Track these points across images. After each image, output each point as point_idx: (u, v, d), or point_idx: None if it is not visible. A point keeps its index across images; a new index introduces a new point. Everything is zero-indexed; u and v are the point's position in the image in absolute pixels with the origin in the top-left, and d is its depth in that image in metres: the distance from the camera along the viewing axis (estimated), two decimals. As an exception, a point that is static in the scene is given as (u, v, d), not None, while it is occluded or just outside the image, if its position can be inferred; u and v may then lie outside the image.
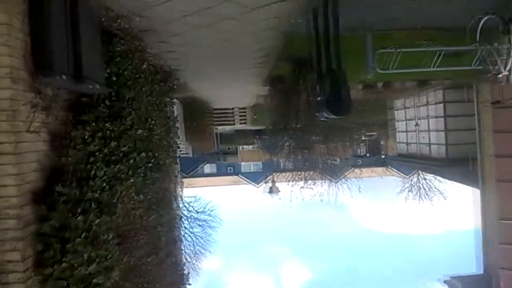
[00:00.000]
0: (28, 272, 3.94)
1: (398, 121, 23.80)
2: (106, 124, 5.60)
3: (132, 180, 6.32)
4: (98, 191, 5.10)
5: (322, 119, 7.63)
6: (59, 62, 4.38)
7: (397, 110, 23.76)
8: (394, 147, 30.02)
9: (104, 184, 5.30)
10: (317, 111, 6.94)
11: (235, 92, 19.41)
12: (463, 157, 18.22)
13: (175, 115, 11.95)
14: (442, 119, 19.00)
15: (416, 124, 21.75)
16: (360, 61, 7.63)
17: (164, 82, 10.02)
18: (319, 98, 6.67)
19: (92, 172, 5.12)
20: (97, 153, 5.28)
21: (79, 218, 4.45)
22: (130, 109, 6.70)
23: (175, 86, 11.48)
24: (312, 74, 9.87)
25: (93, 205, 4.82)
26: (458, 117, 18.54)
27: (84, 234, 4.46)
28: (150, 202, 7.44)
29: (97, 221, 4.81)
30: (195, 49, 8.78)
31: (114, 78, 6.18)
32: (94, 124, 5.33)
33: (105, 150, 5.49)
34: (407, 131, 23.00)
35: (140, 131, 7.05)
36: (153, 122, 8.11)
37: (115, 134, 5.90)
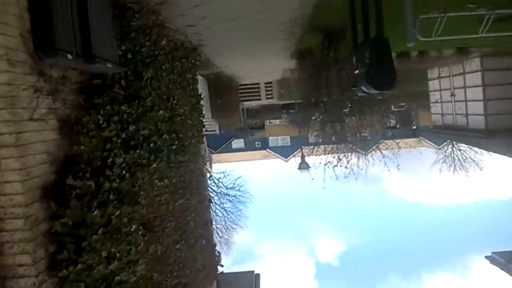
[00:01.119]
0: (41, 276, 3.56)
1: (432, 91, 22.73)
2: (123, 107, 5.13)
3: (154, 165, 5.88)
4: (117, 180, 4.68)
5: (360, 94, 6.96)
6: (63, 39, 3.90)
7: (432, 80, 22.66)
8: (427, 118, 28.95)
9: (124, 172, 4.87)
10: (354, 86, 6.27)
11: (261, 67, 18.75)
12: (504, 128, 17.27)
13: (199, 93, 11.45)
14: (480, 88, 17.96)
15: (452, 94, 20.70)
16: (396, 28, 6.84)
17: (186, 59, 9.49)
18: (357, 71, 5.99)
19: (110, 160, 4.70)
20: (114, 139, 4.84)
21: (95, 212, 4.03)
22: (149, 89, 6.23)
23: (198, 63, 10.95)
24: (344, 45, 9.16)
25: (111, 196, 4.39)
26: (498, 86, 17.49)
27: (101, 229, 4.04)
28: (175, 186, 7.02)
29: (117, 213, 4.40)
30: (217, 22, 8.20)
31: (130, 56, 5.69)
32: (109, 107, 4.86)
33: (123, 135, 5.05)
34: (442, 102, 21.96)
35: (161, 112, 6.58)
36: (175, 101, 7.63)
37: (134, 117, 5.44)
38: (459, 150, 34.81)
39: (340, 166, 14.47)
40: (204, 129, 11.59)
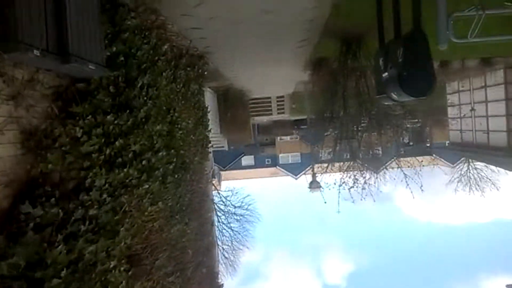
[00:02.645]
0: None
1: (451, 105, 21.78)
2: (108, 117, 4.33)
3: (146, 187, 5.06)
4: (95, 206, 3.85)
5: (386, 103, 6.05)
6: (28, 31, 3.11)
7: (450, 94, 21.72)
8: (444, 134, 27.95)
9: (105, 196, 4.05)
10: (380, 93, 5.37)
11: (273, 79, 17.97)
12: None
13: (206, 105, 10.67)
14: (504, 102, 16.98)
15: (472, 109, 19.74)
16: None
17: (192, 68, 8.74)
18: (385, 74, 5.07)
19: (88, 181, 3.88)
20: (95, 155, 4.02)
21: (59, 247, 3.19)
22: (145, 98, 5.44)
23: (205, 73, 10.19)
24: (365, 51, 8.29)
25: (84, 227, 3.55)
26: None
27: (65, 270, 3.20)
28: (172, 210, 6.17)
29: (90, 248, 3.56)
30: (226, 25, 7.44)
31: (122, 59, 4.90)
32: (90, 117, 4.06)
33: (107, 151, 4.23)
34: (461, 117, 20.99)
35: (158, 125, 5.79)
36: (176, 114, 6.85)
37: (123, 130, 4.65)
38: (475, 168, 33.69)
39: (357, 187, 13.49)
40: (210, 145, 10.78)
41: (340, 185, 13.62)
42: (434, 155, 33.14)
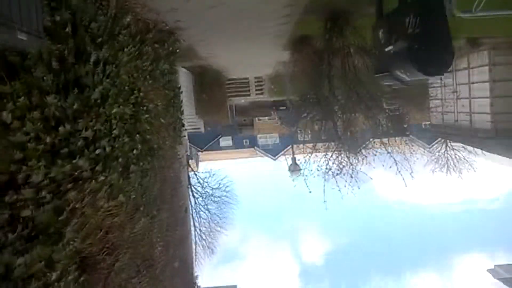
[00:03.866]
0: None
1: (432, 87, 21.33)
2: (49, 98, 3.60)
3: (102, 179, 4.36)
4: (30, 207, 3.16)
5: (387, 83, 5.31)
6: None
7: (431, 75, 21.29)
8: (422, 116, 27.67)
9: (44, 193, 3.35)
10: (380, 71, 4.64)
11: (252, 59, 17.17)
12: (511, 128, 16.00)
13: (178, 86, 9.92)
14: (487, 83, 16.57)
15: (455, 91, 19.33)
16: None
17: (161, 44, 7.96)
18: (389, 48, 4.29)
19: (20, 177, 3.17)
20: (30, 145, 3.31)
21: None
22: (101, 77, 4.70)
23: (177, 50, 9.40)
24: (353, 26, 7.55)
25: (11, 236, 2.87)
26: (507, 82, 16.12)
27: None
28: (136, 203, 5.49)
29: (19, 260, 2.87)
30: (200, 3, 6.70)
31: (69, 30, 4.14)
32: (24, 98, 3.32)
33: (47, 139, 3.51)
34: (442, 99, 20.60)
35: (117, 107, 5.06)
36: (141, 94, 6.11)
37: (69, 113, 3.92)
38: (453, 149, 33.73)
39: (344, 174, 12.89)
40: (183, 128, 10.08)
41: (326, 172, 13.01)
42: (410, 136, 32.97)
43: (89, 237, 4.09)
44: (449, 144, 34.17)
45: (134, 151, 5.48)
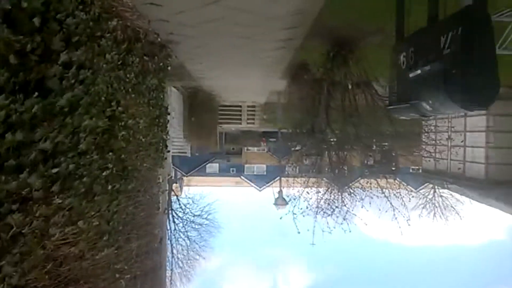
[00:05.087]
0: None
1: (426, 132, 21.03)
2: (-2, 98, 2.94)
3: (58, 202, 3.66)
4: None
5: (404, 117, 4.61)
6: None
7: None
8: (409, 160, 27.45)
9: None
10: (396, 102, 3.95)
11: (246, 85, 16.69)
12: (505, 180, 15.69)
13: (166, 105, 9.29)
14: (484, 133, 16.35)
15: (449, 138, 19.02)
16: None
17: (151, 58, 7.38)
18: (414, 73, 3.59)
19: None
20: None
21: None
22: (73, 81, 4.05)
23: (168, 67, 8.82)
24: (358, 55, 7.03)
25: None
26: (504, 133, 15.91)
27: None
28: (100, 230, 4.76)
29: None
30: (194, 17, 6.16)
31: (37, 23, 3.51)
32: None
33: (-10, 149, 2.84)
34: (435, 145, 20.27)
35: (89, 119, 4.39)
36: (120, 108, 5.46)
37: (25, 118, 3.26)
38: (441, 196, 33.53)
39: (336, 216, 12.29)
40: (167, 150, 9.39)
41: (316, 212, 12.37)
42: (397, 179, 32.72)
43: (32, 270, 3.35)
44: (437, 190, 33.91)
45: (104, 172, 4.78)
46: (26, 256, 3.26)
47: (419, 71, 3.41)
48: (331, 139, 11.49)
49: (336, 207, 12.10)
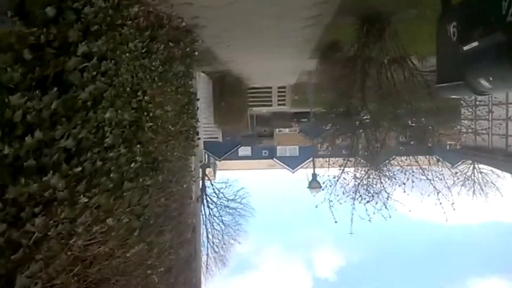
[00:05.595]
0: None
1: (466, 106, 20.17)
2: (13, 97, 2.77)
3: (85, 201, 3.49)
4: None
5: (454, 96, 4.24)
6: None
7: (465, 93, 20.17)
8: (448, 136, 26.57)
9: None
10: (451, 79, 3.54)
11: (275, 67, 16.31)
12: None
13: (194, 92, 9.09)
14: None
15: (490, 111, 18.18)
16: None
17: (176, 44, 7.15)
18: (470, 46, 3.13)
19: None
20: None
21: None
22: (94, 73, 3.85)
23: (195, 52, 8.58)
24: (392, 29, 6.56)
25: None
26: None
27: None
28: (130, 226, 4.60)
29: None
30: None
31: (52, 14, 3.31)
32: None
33: (6, 151, 2.67)
34: (475, 119, 19.42)
35: (114, 112, 4.20)
36: (146, 98, 5.26)
37: (45, 117, 3.08)
38: (480, 172, 32.42)
39: (376, 202, 11.94)
40: (198, 137, 9.21)
41: (354, 198, 12.03)
42: (435, 156, 31.85)
43: (60, 275, 3.21)
44: (476, 166, 32.83)
45: (132, 164, 4.61)
46: (51, 260, 3.11)
47: (475, 43, 2.98)
48: (366, 119, 11.10)
49: (375, 192, 11.69)
